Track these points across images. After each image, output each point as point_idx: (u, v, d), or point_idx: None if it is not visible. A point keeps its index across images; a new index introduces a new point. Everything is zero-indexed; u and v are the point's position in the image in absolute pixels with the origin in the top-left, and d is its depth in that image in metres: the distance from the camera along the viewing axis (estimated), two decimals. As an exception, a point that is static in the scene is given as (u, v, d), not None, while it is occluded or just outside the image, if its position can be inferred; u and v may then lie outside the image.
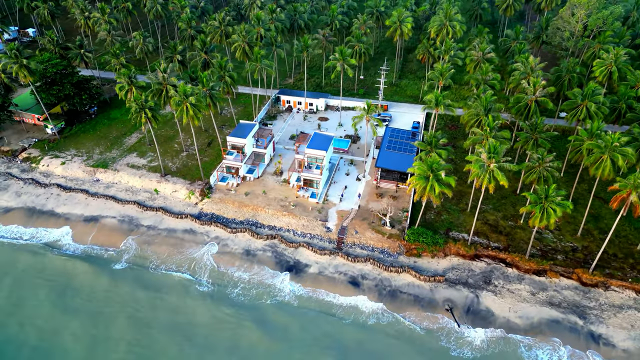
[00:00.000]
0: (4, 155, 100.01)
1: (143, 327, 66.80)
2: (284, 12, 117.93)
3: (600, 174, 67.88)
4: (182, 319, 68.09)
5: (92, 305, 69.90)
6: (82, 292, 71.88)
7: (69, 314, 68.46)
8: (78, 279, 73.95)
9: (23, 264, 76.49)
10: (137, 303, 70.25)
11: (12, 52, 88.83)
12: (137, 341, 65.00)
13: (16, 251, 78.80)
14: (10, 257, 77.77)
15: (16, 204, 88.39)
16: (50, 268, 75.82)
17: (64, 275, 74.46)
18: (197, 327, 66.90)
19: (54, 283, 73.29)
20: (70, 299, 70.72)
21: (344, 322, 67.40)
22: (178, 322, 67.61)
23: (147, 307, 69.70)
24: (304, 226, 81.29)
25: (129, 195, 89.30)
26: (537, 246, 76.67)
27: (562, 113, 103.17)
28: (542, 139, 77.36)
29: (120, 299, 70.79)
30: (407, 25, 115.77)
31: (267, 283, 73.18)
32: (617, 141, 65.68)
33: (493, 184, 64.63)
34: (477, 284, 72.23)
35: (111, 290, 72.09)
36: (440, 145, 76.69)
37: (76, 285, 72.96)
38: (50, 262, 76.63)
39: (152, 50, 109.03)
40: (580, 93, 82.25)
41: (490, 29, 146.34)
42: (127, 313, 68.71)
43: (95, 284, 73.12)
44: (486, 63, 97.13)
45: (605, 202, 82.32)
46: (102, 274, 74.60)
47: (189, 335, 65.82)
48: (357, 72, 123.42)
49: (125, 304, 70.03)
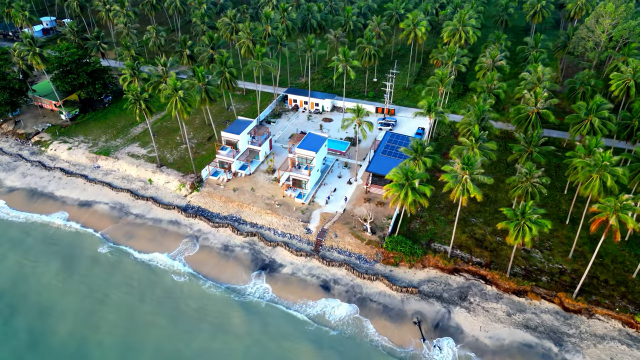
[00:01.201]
0: (19, 137, 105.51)
1: (99, 304, 69.98)
2: (297, 11, 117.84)
3: (589, 194, 63.62)
4: (146, 306, 69.47)
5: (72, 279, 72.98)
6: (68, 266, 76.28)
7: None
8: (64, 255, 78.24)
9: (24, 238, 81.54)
10: (107, 285, 72.69)
11: (27, 40, 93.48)
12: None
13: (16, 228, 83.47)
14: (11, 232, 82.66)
15: (20, 184, 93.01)
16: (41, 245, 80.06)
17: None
18: (157, 315, 68.09)
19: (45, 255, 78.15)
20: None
21: (306, 328, 66.45)
22: (141, 306, 69.53)
23: (115, 289, 72.07)
24: (285, 226, 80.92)
25: (124, 184, 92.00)
26: (523, 265, 72.86)
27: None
28: (537, 153, 73.44)
29: (94, 280, 73.20)
30: (422, 29, 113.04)
31: (237, 280, 73.46)
32: (607, 160, 61.30)
33: (466, 196, 61.87)
34: (451, 299, 69.45)
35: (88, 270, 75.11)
36: (426, 153, 74.26)
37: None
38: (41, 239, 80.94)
39: (163, 43, 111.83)
40: (585, 107, 77.56)
41: (523, 36, 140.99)
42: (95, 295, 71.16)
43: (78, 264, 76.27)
44: (493, 71, 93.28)
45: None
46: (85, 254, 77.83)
47: (142, 318, 67.38)
48: (367, 75, 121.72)
49: (97, 286, 72.43)
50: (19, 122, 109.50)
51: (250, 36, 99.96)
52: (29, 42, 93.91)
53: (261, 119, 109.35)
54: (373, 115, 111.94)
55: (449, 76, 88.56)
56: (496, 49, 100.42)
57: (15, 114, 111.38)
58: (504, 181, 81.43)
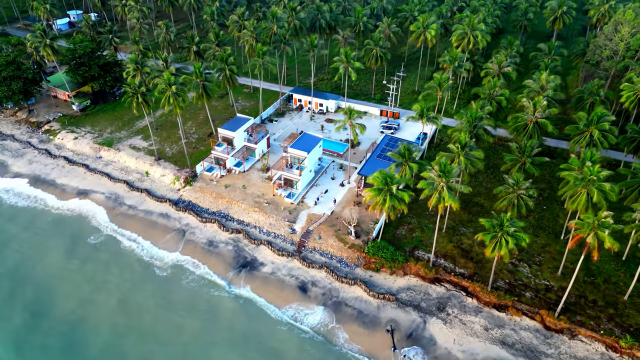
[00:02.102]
0: (30, 125, 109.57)
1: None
2: (306, 10, 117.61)
3: (574, 209, 60.76)
4: (128, 297, 70.87)
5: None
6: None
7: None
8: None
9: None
10: (95, 272, 74.64)
11: (39, 32, 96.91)
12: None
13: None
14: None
15: (26, 170, 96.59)
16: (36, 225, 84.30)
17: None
18: (132, 306, 69.45)
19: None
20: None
21: (278, 328, 66.21)
22: (120, 295, 71.54)
23: (101, 277, 74.11)
24: (270, 225, 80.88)
25: (122, 175, 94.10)
26: (507, 279, 70.31)
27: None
28: (530, 164, 70.68)
29: (81, 268, 75.25)
30: (431, 32, 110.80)
31: (217, 277, 74.03)
32: (595, 174, 58.34)
33: (442, 204, 60.12)
34: (428, 309, 67.72)
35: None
36: (413, 159, 72.64)
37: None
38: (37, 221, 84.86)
39: (173, 39, 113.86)
40: (585, 118, 74.20)
41: (546, 42, 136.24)
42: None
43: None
44: (497, 77, 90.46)
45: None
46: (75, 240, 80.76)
47: (120, 307, 68.78)
48: (374, 77, 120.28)
49: (84, 272, 74.45)
50: (32, 111, 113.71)
51: (253, 34, 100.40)
52: (40, 34, 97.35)
53: (264, 117, 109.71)
54: (375, 118, 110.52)
55: (447, 81, 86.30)
56: (503, 55, 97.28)
57: (30, 102, 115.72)
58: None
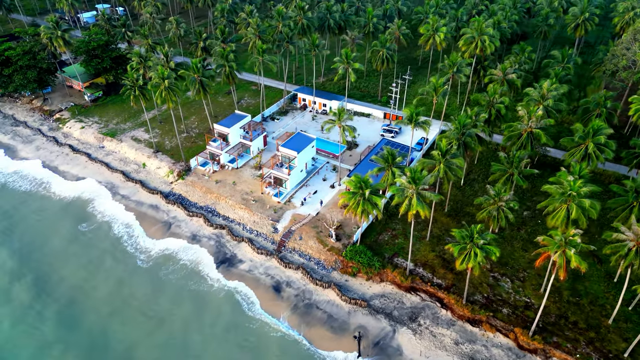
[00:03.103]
0: (43, 113, 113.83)
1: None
2: (316, 10, 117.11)
3: (552, 225, 57.96)
4: (109, 283, 72.64)
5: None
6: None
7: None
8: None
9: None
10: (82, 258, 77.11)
11: (51, 23, 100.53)
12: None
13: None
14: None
15: (32, 156, 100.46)
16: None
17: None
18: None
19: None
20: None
21: (247, 326, 66.30)
22: (98, 280, 73.62)
23: (85, 263, 76.29)
24: (254, 222, 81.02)
25: (120, 165, 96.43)
26: (486, 293, 67.84)
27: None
28: (518, 175, 67.95)
29: (69, 250, 77.73)
30: (440, 35, 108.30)
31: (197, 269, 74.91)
32: (575, 189, 55.44)
33: (412, 212, 58.50)
34: (400, 318, 66.16)
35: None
36: (396, 164, 71.07)
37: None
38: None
39: (183, 34, 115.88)
40: (582, 129, 70.70)
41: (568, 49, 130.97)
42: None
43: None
44: (498, 84, 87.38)
45: (599, 261, 70.10)
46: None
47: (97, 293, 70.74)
48: (381, 79, 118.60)
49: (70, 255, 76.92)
50: (47, 100, 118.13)
51: (256, 32, 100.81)
52: (52, 26, 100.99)
53: (266, 115, 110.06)
54: (379, 121, 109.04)
55: (442, 85, 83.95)
56: (509, 62, 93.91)
57: (46, 91, 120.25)
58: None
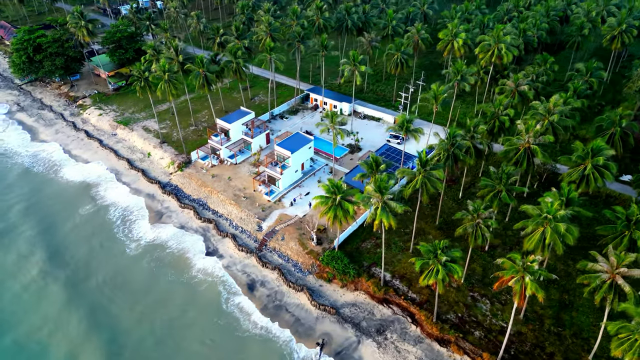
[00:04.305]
0: (68, 99, 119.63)
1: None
2: (335, 10, 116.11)
3: (527, 248, 54.46)
4: (93, 264, 75.48)
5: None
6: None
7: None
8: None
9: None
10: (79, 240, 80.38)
11: (76, 14, 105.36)
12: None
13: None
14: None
15: (50, 139, 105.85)
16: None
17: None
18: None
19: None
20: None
21: (217, 322, 66.79)
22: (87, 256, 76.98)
23: (80, 243, 79.72)
24: (241, 219, 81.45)
25: (127, 153, 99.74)
26: (460, 313, 64.78)
27: (626, 176, 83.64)
28: (506, 192, 64.34)
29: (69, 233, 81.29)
30: (459, 41, 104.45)
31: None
32: (552, 213, 51.78)
33: (377, 221, 56.65)
34: (367, 330, 64.43)
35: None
36: (381, 170, 69.13)
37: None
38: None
39: (203, 29, 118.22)
40: (581, 148, 66.05)
41: (613, 63, 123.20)
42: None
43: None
44: (502, 96, 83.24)
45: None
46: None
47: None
48: (395, 82, 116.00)
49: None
50: (74, 86, 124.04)
51: (268, 29, 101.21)
52: (77, 16, 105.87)
53: (275, 113, 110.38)
54: (382, 125, 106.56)
55: (443, 93, 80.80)
56: (523, 72, 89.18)
57: (74, 78, 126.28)
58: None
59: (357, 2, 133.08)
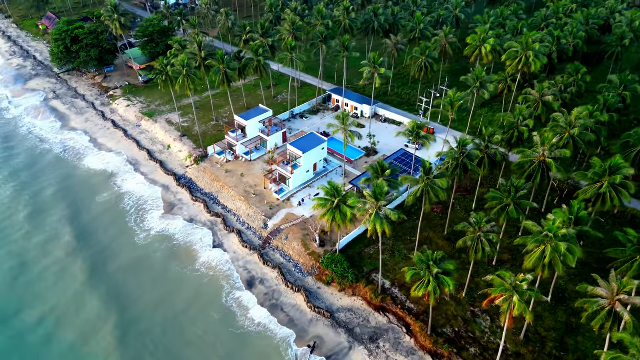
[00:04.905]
0: (101, 89, 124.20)
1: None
2: (362, 12, 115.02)
3: (527, 267, 52.06)
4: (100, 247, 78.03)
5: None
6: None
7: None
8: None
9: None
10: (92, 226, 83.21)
11: (110, 7, 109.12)
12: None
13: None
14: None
15: (80, 127, 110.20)
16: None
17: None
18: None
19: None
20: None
21: (213, 316, 67.69)
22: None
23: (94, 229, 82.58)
24: (248, 215, 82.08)
25: (148, 144, 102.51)
26: (458, 327, 62.76)
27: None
28: (513, 207, 61.73)
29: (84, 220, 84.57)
30: (487, 47, 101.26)
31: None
32: (553, 231, 49.27)
33: (370, 227, 55.59)
34: (361, 337, 63.50)
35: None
36: (386, 176, 67.89)
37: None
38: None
39: (231, 26, 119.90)
40: (599, 165, 62.55)
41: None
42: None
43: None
44: (523, 106, 79.97)
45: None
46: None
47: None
48: (419, 86, 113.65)
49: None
50: (107, 77, 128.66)
51: (291, 29, 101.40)
52: (111, 9, 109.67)
53: (296, 112, 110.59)
54: (402, 129, 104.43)
55: (459, 100, 78.35)
56: (546, 83, 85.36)
57: (109, 69, 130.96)
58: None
59: (389, 4, 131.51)
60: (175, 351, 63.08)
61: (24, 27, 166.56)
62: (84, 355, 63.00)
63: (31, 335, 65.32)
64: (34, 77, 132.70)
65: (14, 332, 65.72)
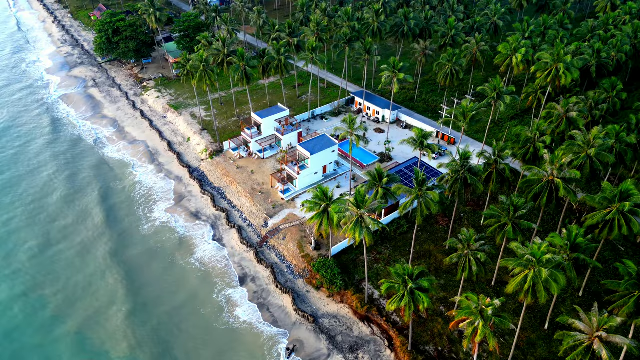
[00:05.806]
0: (136, 79, 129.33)
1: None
2: (394, 15, 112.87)
3: (509, 291, 49.14)
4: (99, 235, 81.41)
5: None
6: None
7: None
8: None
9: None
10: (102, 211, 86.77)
11: (147, 2, 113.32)
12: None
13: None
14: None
15: (111, 115, 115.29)
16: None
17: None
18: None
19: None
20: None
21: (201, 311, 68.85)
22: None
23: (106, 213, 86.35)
24: (251, 212, 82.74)
25: (170, 135, 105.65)
26: (442, 346, 60.27)
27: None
28: (511, 227, 58.48)
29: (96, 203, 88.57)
30: (518, 57, 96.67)
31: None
32: (537, 256, 46.19)
33: (350, 235, 54.31)
34: (341, 345, 62.46)
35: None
36: (384, 184, 66.34)
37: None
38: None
39: (262, 24, 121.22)
40: (609, 189, 58.06)
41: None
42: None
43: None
44: (541, 121, 75.54)
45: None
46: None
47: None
48: (446, 93, 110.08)
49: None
50: (144, 69, 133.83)
51: (315, 29, 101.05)
52: (148, 4, 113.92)
53: (317, 113, 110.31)
54: (430, 139, 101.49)
55: (472, 111, 74.99)
56: (573, 98, 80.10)
57: (147, 61, 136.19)
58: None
59: (425, 8, 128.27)
60: (165, 338, 64.68)
61: (78, 17, 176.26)
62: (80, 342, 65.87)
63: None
64: (78, 65, 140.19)
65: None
